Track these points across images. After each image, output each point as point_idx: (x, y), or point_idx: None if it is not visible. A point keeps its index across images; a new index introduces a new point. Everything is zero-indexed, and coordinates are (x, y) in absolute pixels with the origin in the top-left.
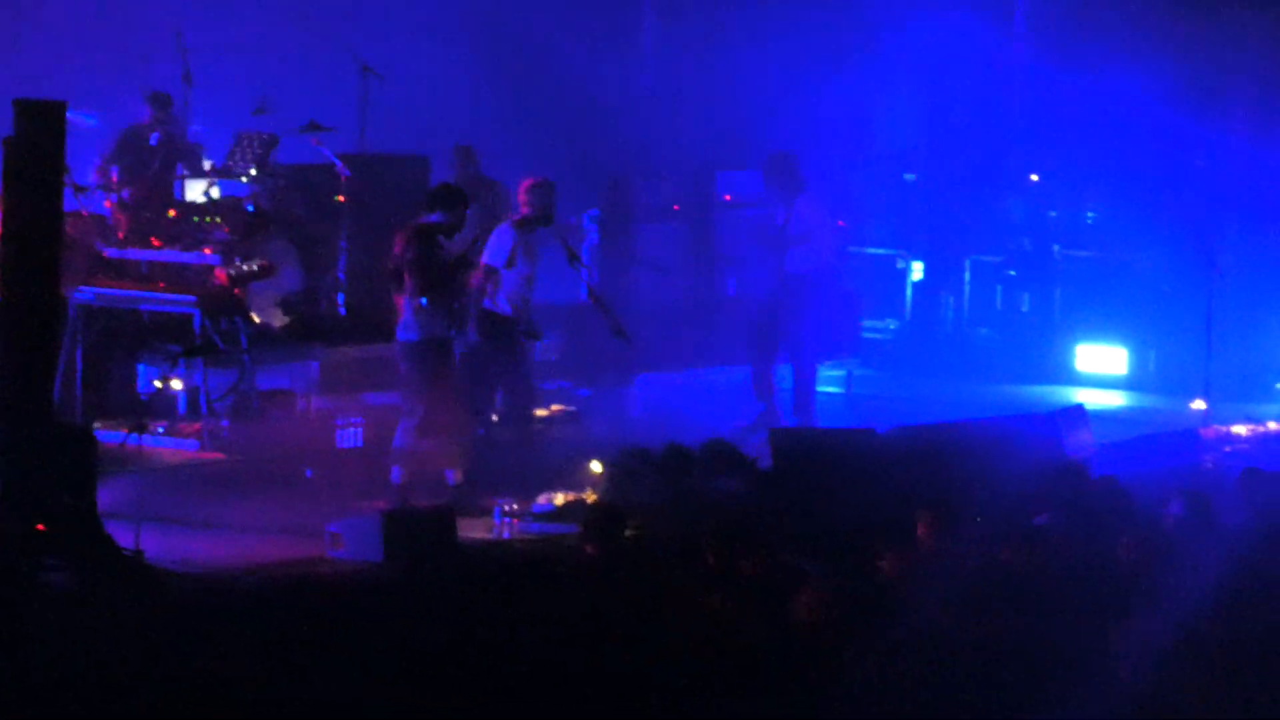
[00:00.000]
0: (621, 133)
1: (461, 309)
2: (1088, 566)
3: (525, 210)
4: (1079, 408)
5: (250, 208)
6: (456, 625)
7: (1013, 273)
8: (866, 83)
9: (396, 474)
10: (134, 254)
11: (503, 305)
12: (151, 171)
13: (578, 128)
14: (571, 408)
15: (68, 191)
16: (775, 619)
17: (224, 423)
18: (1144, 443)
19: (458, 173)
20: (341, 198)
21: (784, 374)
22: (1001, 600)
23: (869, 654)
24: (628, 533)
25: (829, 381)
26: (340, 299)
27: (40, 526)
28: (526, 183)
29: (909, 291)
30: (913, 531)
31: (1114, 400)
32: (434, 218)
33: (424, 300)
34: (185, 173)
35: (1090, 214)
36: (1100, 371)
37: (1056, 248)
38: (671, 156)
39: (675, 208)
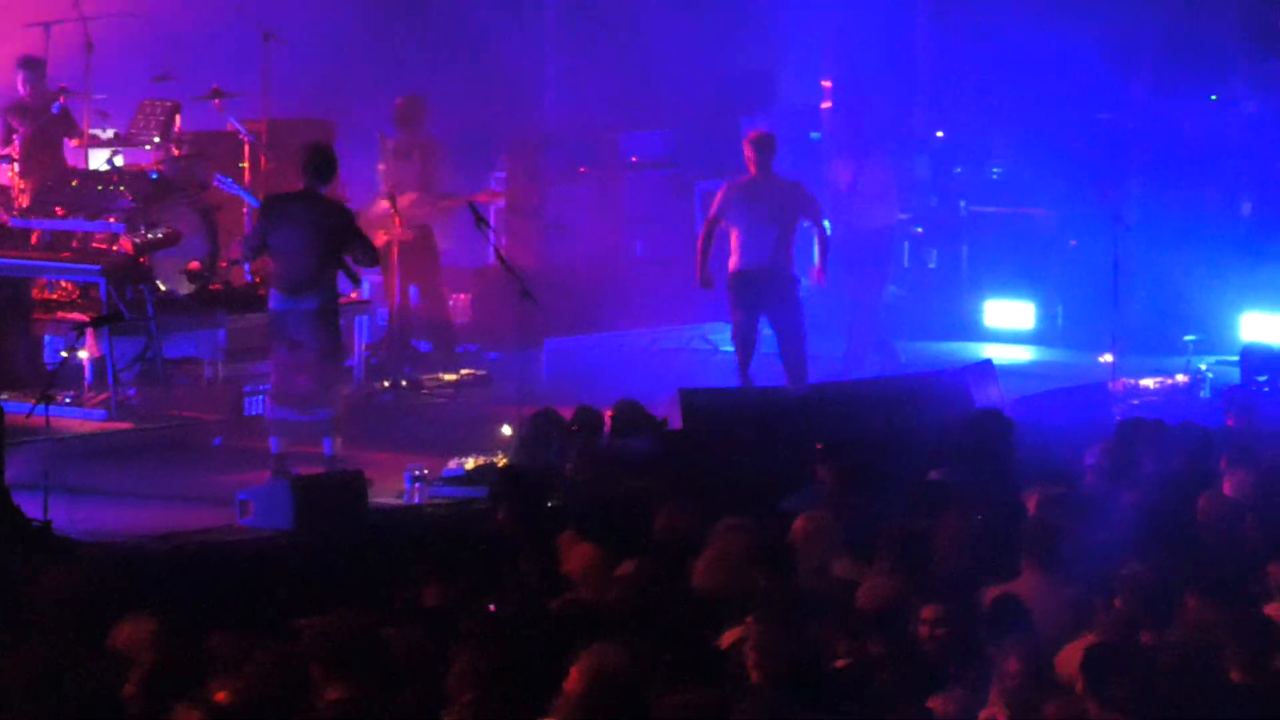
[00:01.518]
0: (525, 94)
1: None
2: (995, 519)
3: None
4: (987, 362)
5: (154, 175)
6: (367, 591)
7: (919, 230)
8: (771, 41)
9: (274, 444)
10: (37, 224)
11: None
12: (52, 140)
13: (481, 90)
14: (481, 371)
15: None
16: (680, 578)
17: (131, 392)
18: (1053, 397)
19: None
20: (245, 164)
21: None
22: (899, 555)
23: (769, 608)
24: (539, 496)
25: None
26: (246, 266)
27: None
28: None
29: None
30: (819, 488)
31: (1022, 355)
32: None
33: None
34: (86, 140)
35: (996, 170)
36: (1008, 327)
37: (963, 204)
38: (575, 118)
39: (581, 170)
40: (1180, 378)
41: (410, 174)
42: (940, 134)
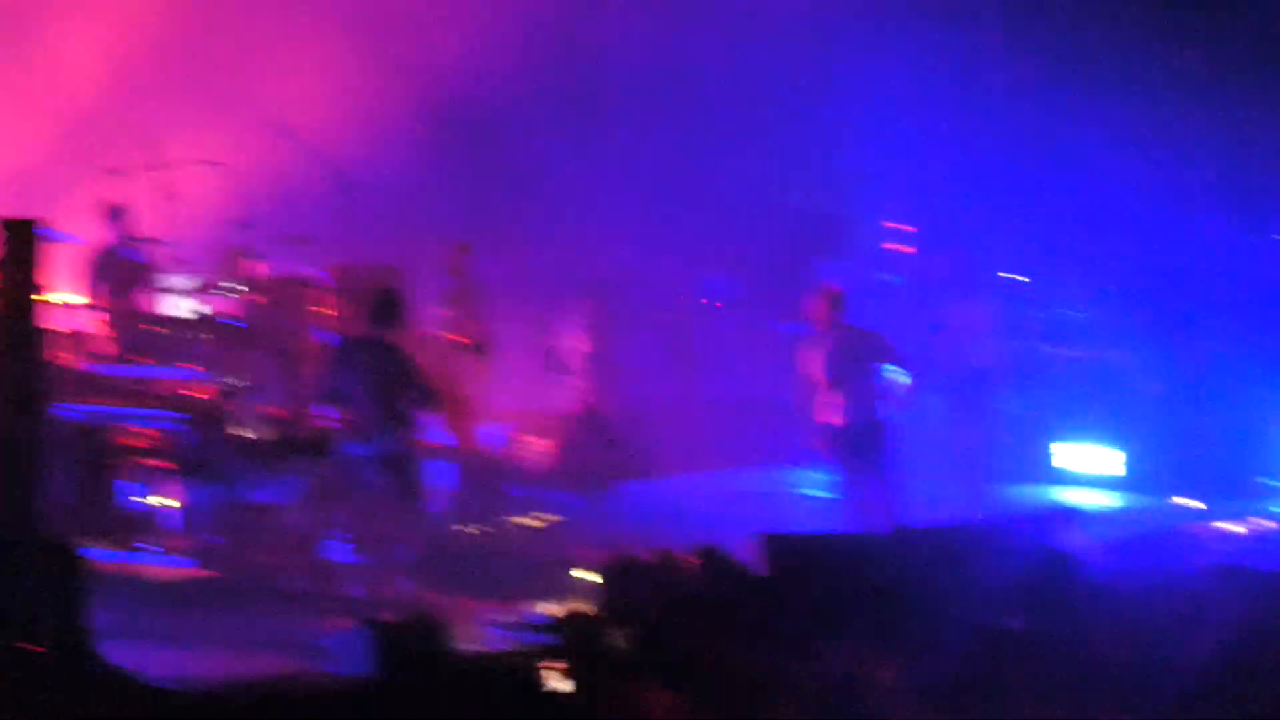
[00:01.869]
0: (598, 236)
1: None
2: (1069, 669)
3: None
4: (1069, 508)
5: (234, 322)
6: None
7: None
8: (843, 182)
9: (355, 589)
10: (119, 370)
11: None
12: (134, 287)
13: (553, 232)
14: (560, 515)
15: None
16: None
17: (212, 538)
18: (1136, 543)
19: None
20: (323, 309)
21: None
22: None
23: None
24: (613, 643)
25: (814, 484)
26: (323, 411)
27: (30, 647)
28: None
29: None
30: (897, 633)
31: (1102, 500)
32: (373, 328)
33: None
34: (167, 288)
35: (1074, 313)
36: (1085, 470)
37: (1042, 346)
38: (647, 259)
39: (655, 311)
40: (1267, 522)
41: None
42: (1024, 279)
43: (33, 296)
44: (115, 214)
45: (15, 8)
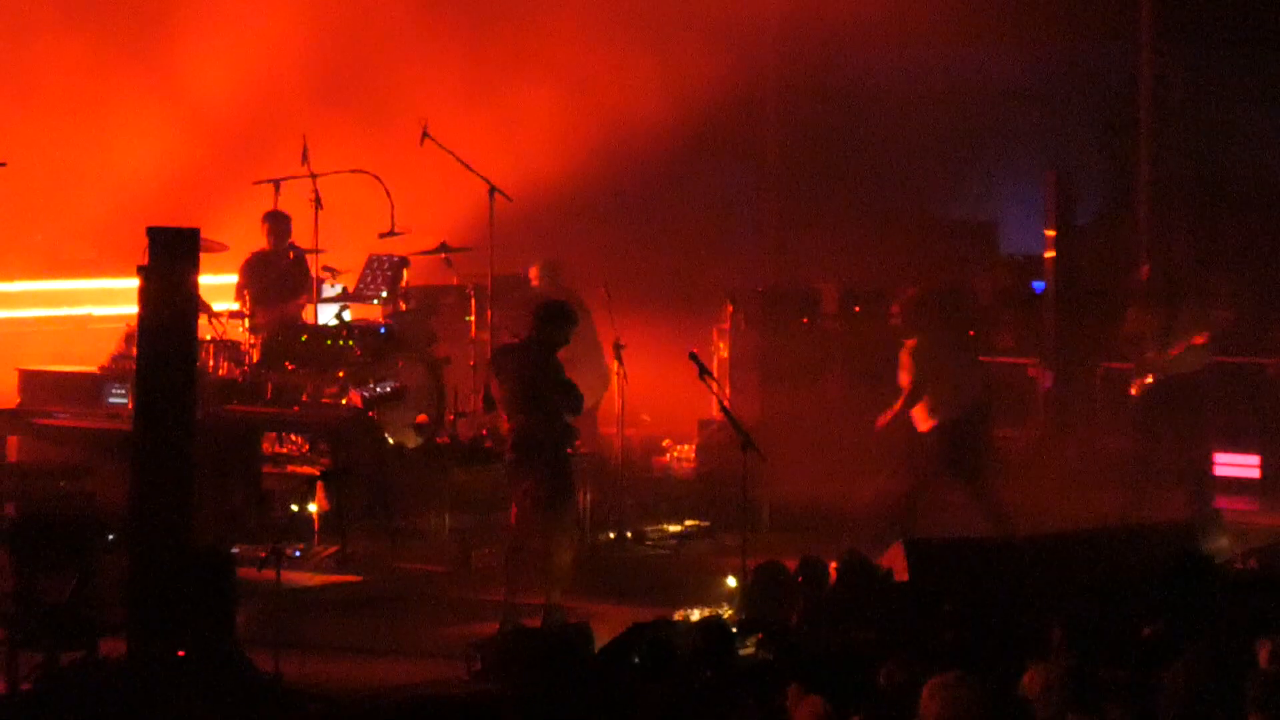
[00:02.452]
0: (747, 246)
1: (564, 429)
2: (1220, 675)
3: None
4: (1216, 513)
5: (382, 330)
6: None
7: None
8: (993, 189)
9: (506, 595)
10: (267, 378)
11: None
12: (284, 295)
13: (703, 242)
14: (704, 521)
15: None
16: None
17: (360, 545)
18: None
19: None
20: (471, 318)
21: None
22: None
23: None
24: (747, 650)
25: None
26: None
27: (180, 653)
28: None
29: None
30: (1049, 643)
31: (1250, 507)
32: (538, 335)
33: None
34: (317, 296)
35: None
36: (1235, 477)
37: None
38: (795, 268)
39: (804, 320)
40: None
41: None
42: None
43: (186, 305)
44: (276, 219)
45: (169, 20)
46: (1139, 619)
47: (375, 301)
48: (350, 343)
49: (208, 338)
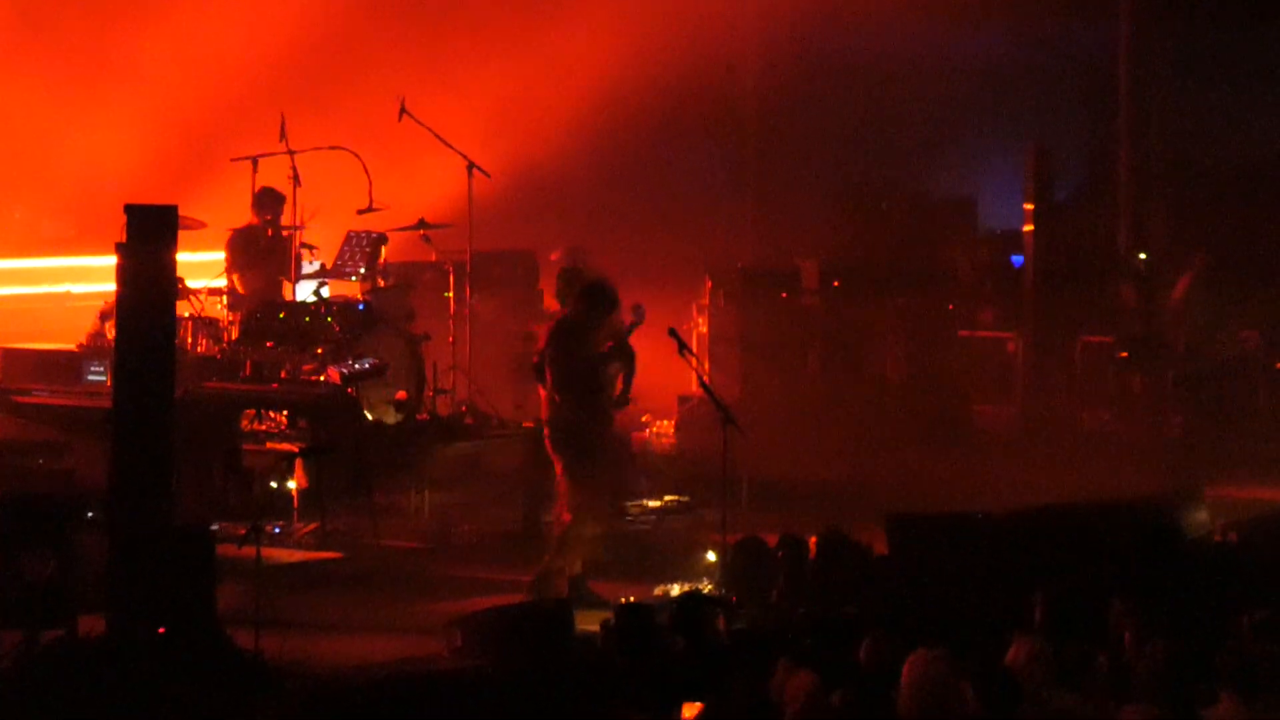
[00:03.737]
0: (725, 223)
1: (605, 403)
2: (1202, 645)
3: None
4: (1195, 488)
5: (360, 306)
6: None
7: (1124, 355)
8: (971, 164)
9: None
10: (246, 355)
11: None
12: (262, 272)
13: (682, 220)
14: (684, 497)
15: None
16: (886, 706)
17: (339, 521)
18: (1267, 521)
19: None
20: (450, 294)
21: None
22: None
23: None
24: (727, 623)
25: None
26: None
27: (160, 631)
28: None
29: None
30: (1029, 617)
31: (1233, 480)
32: (576, 314)
33: (560, 395)
34: (295, 273)
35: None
36: (1216, 449)
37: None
38: (773, 245)
39: (784, 296)
40: None
41: None
42: (1143, 256)
43: (164, 282)
44: (269, 196)
45: None
46: (1117, 593)
47: (354, 278)
48: (329, 319)
49: (186, 315)
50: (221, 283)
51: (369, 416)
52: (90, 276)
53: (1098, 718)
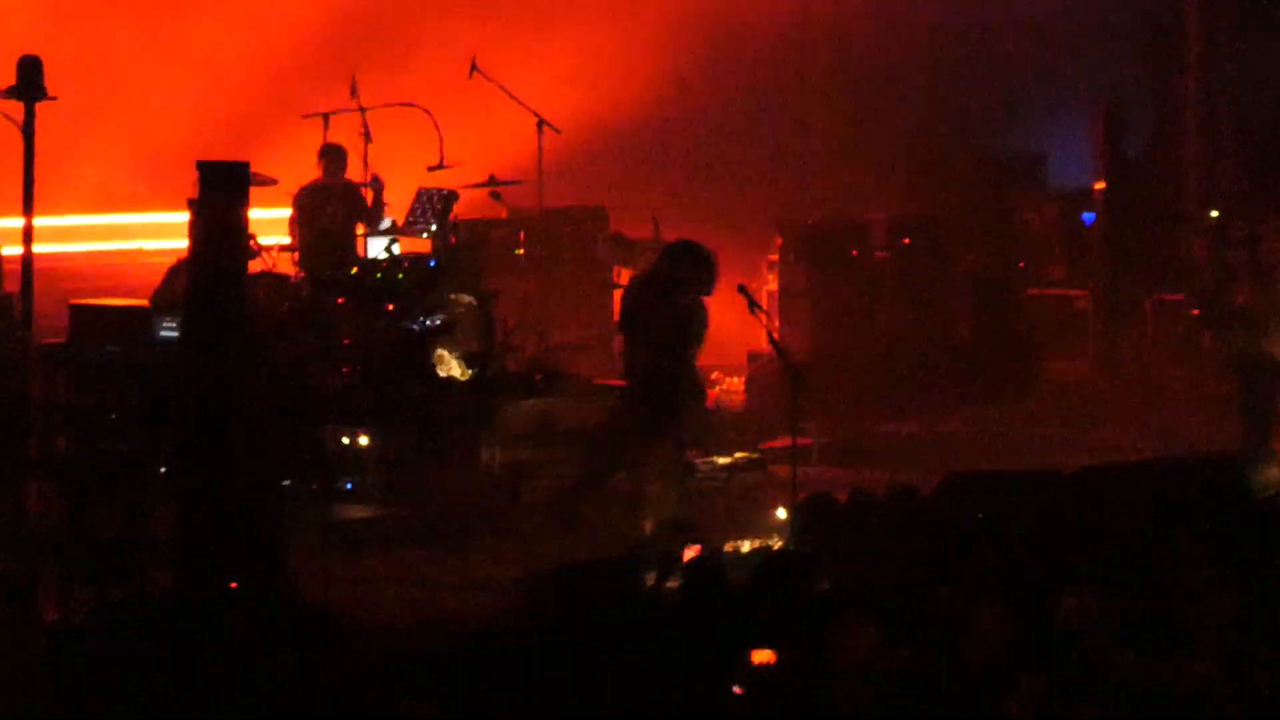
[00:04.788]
0: (795, 178)
1: (692, 357)
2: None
3: None
4: (1268, 448)
5: (431, 263)
6: (632, 682)
7: (1196, 312)
8: (1041, 119)
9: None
10: (317, 311)
11: None
12: (333, 230)
13: (752, 174)
14: (754, 454)
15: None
16: (952, 662)
17: (410, 479)
18: None
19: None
20: (521, 251)
21: None
22: (1174, 646)
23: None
24: (807, 581)
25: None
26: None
27: (233, 585)
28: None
29: None
30: (1092, 575)
31: None
32: (669, 270)
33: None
34: (366, 230)
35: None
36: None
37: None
38: (844, 200)
39: (854, 253)
40: None
41: None
42: (1215, 213)
43: (236, 239)
44: (332, 153)
45: None
46: (1184, 552)
47: (424, 235)
48: (400, 276)
49: (257, 271)
50: (288, 240)
51: (439, 373)
52: (162, 233)
53: (1158, 674)
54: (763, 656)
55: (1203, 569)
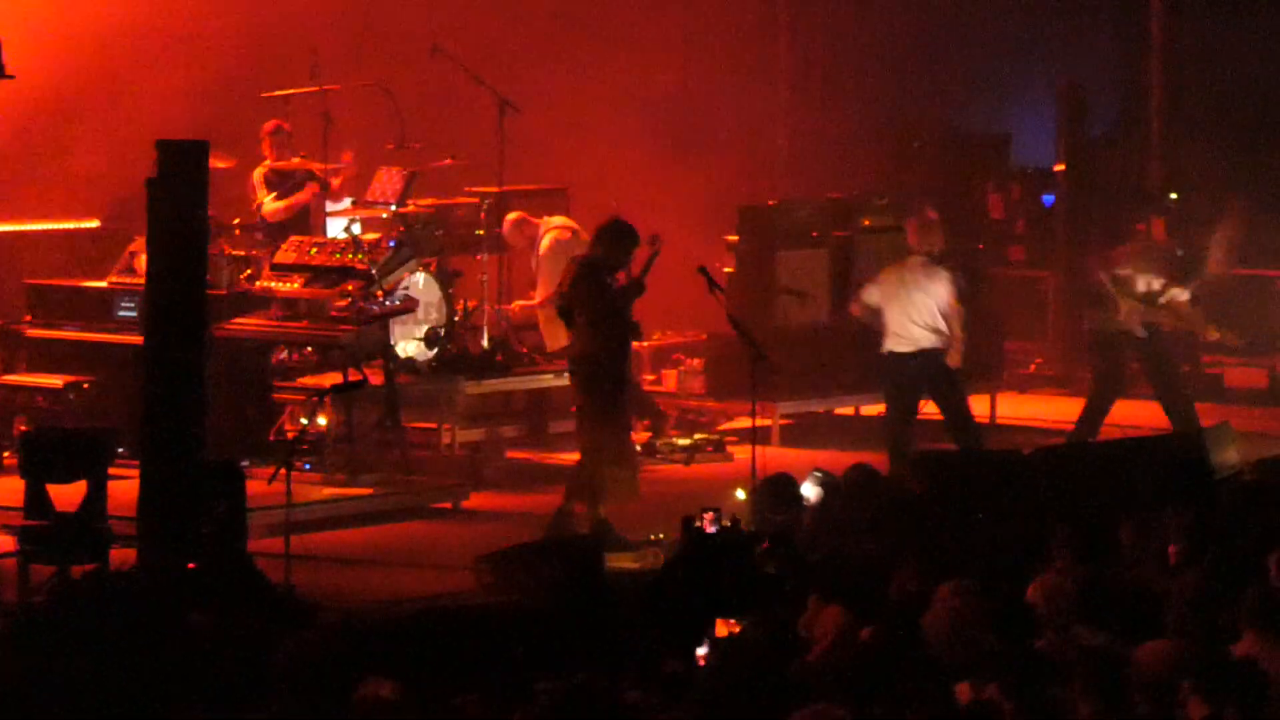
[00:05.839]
0: (757, 159)
1: (629, 340)
2: (1230, 582)
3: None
4: (1225, 425)
5: (391, 243)
6: (606, 655)
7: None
8: (1004, 103)
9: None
10: (277, 291)
11: None
12: (292, 209)
13: (712, 156)
14: (714, 435)
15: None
16: (914, 641)
17: (371, 458)
18: None
19: None
20: (481, 231)
21: None
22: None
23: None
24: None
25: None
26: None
27: (191, 565)
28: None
29: None
30: (1055, 553)
31: (1260, 417)
32: (599, 253)
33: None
34: (325, 209)
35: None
36: (1247, 388)
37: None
38: (806, 182)
39: (813, 234)
40: None
41: None
42: (1174, 196)
43: (195, 218)
44: (278, 134)
45: None
46: (1146, 530)
47: (385, 215)
48: (360, 256)
49: (216, 251)
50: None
51: (400, 353)
52: (120, 213)
53: (1118, 652)
54: (725, 629)
55: (1166, 547)
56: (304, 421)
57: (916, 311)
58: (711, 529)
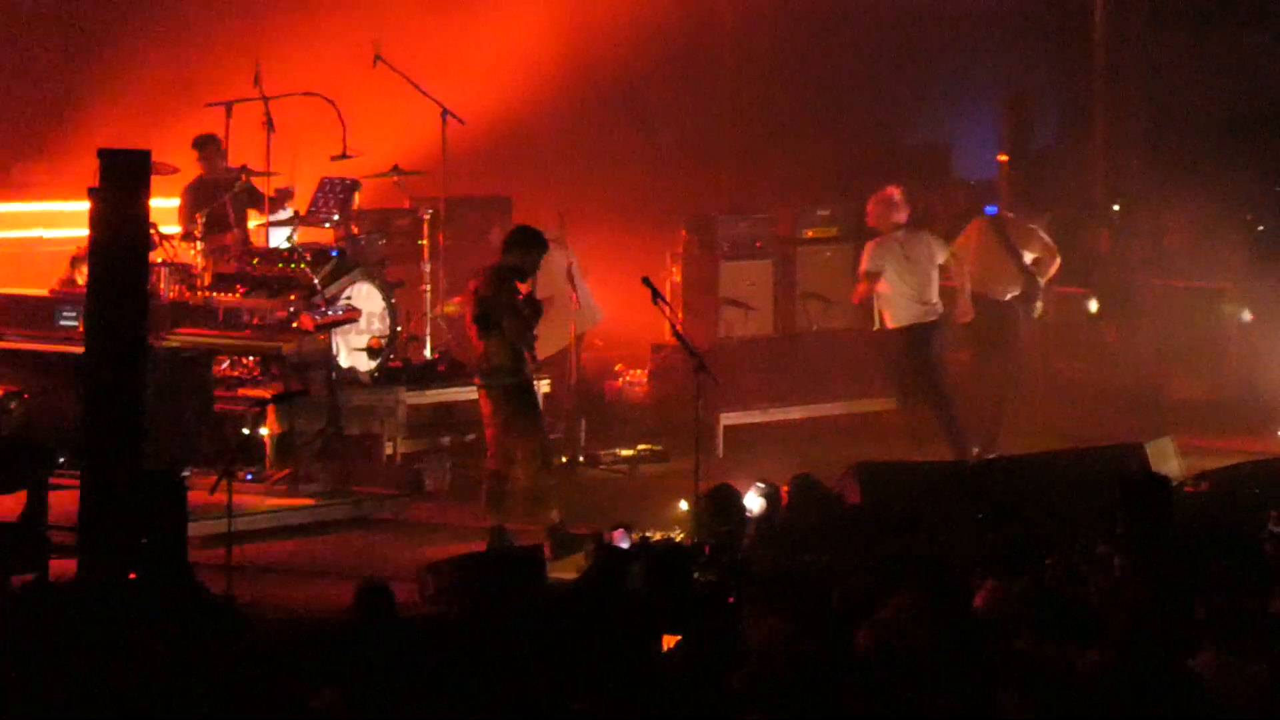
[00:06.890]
0: (702, 169)
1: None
2: (1176, 593)
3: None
4: (1165, 439)
5: (334, 253)
6: (546, 664)
7: (1096, 303)
8: (946, 113)
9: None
10: (218, 301)
11: None
12: (234, 218)
13: (657, 165)
14: (657, 445)
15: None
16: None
17: (312, 468)
18: (1237, 470)
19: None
20: (424, 241)
21: None
22: (1083, 630)
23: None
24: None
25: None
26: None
27: (131, 576)
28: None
29: None
30: (998, 562)
31: (1203, 429)
32: (512, 260)
33: (504, 344)
34: (267, 219)
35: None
36: (1186, 399)
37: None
38: (750, 192)
39: (757, 244)
40: None
41: None
42: (1116, 207)
43: (137, 227)
44: (203, 143)
45: None
46: (1091, 538)
47: (327, 225)
48: (302, 266)
49: (159, 261)
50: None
51: (342, 363)
52: (62, 221)
53: (1060, 660)
54: (670, 641)
55: (1109, 556)
56: (246, 432)
57: (931, 280)
58: (623, 544)
